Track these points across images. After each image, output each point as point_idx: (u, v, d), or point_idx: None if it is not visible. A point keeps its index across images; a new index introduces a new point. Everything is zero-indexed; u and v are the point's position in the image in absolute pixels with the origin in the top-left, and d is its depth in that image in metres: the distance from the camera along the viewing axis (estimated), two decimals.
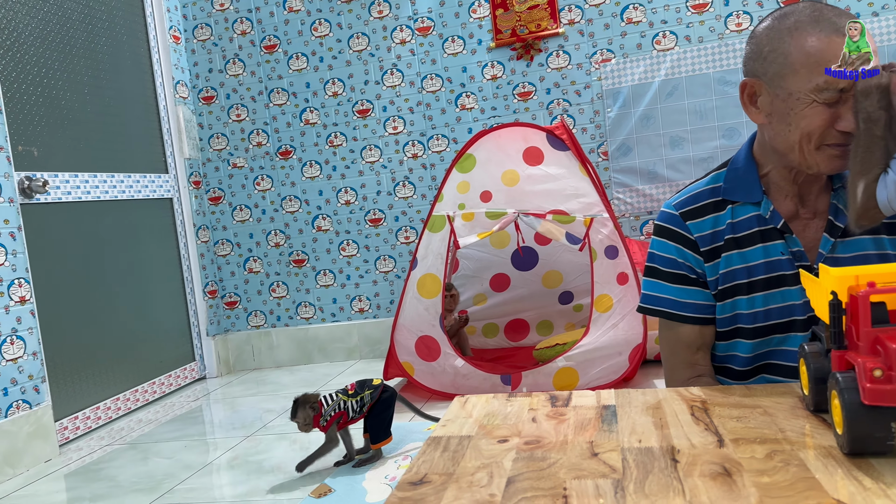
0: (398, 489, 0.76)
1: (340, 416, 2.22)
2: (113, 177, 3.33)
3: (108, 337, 3.22)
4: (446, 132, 3.70)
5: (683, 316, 1.16)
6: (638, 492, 0.68)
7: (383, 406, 2.24)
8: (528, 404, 1.02)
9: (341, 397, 2.24)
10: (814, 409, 0.83)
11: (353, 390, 2.26)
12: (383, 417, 2.25)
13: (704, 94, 3.34)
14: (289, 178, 3.89)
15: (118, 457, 2.67)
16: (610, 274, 2.78)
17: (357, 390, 2.25)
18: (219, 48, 3.91)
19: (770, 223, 1.11)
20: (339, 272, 3.88)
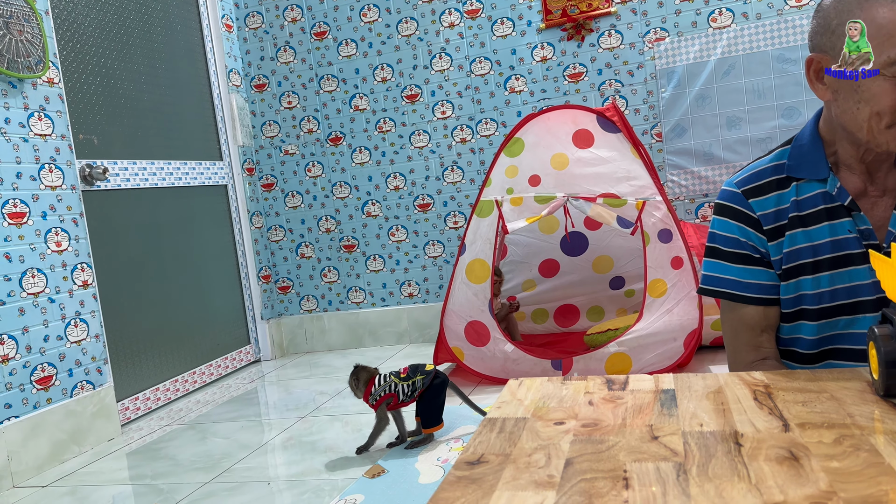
0: (455, 468, 0.76)
1: (390, 398, 2.25)
2: (169, 164, 3.42)
3: (167, 320, 3.32)
4: (495, 116, 3.68)
5: (746, 297, 1.13)
6: (701, 475, 0.67)
7: (434, 392, 2.25)
8: (583, 388, 1.01)
9: (393, 379, 2.26)
10: (884, 395, 0.81)
11: (405, 374, 2.28)
12: (435, 403, 2.26)
13: (763, 72, 3.23)
14: (339, 164, 3.93)
15: (177, 436, 2.75)
16: (664, 258, 2.73)
17: (409, 374, 2.27)
18: (270, 36, 3.95)
19: (837, 200, 1.07)
20: (389, 257, 3.91)
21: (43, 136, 2.69)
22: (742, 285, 1.13)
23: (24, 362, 2.53)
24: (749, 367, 1.14)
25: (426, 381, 2.24)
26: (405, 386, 2.24)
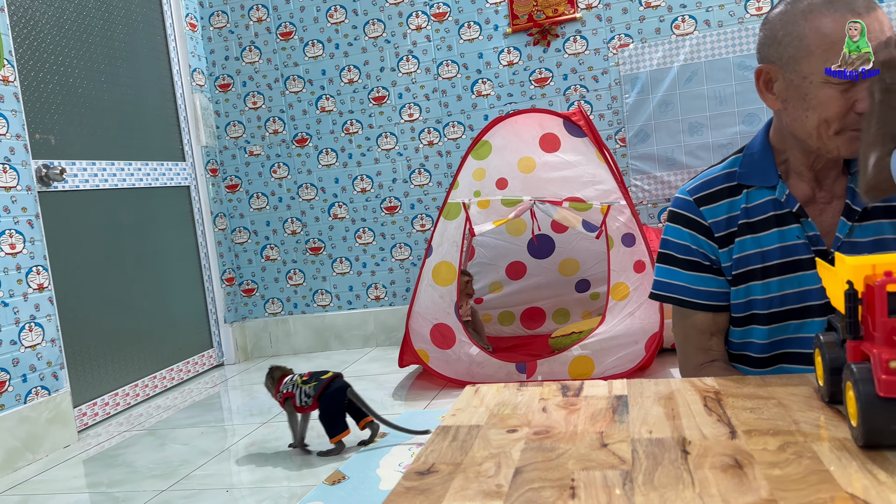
0: (405, 478, 0.75)
1: (289, 398, 2.29)
2: (130, 165, 3.36)
3: (127, 324, 3.26)
4: (462, 119, 3.68)
5: (696, 303, 1.15)
6: (647, 483, 0.67)
7: (329, 400, 2.23)
8: (539, 394, 1.01)
9: (297, 380, 2.30)
10: (829, 401, 0.82)
11: (305, 378, 2.30)
12: (331, 411, 2.24)
13: (724, 79, 3.29)
14: (305, 165, 3.89)
15: (136, 443, 2.70)
16: (626, 262, 2.76)
17: (307, 380, 2.29)
18: (235, 35, 3.91)
19: (785, 207, 1.09)
20: (356, 260, 3.89)
21: None
22: (692, 291, 1.15)
23: None
24: (698, 370, 1.15)
25: (318, 388, 2.23)
26: (302, 390, 2.26)
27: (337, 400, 2.23)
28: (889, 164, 0.94)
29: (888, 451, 0.68)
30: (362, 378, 3.26)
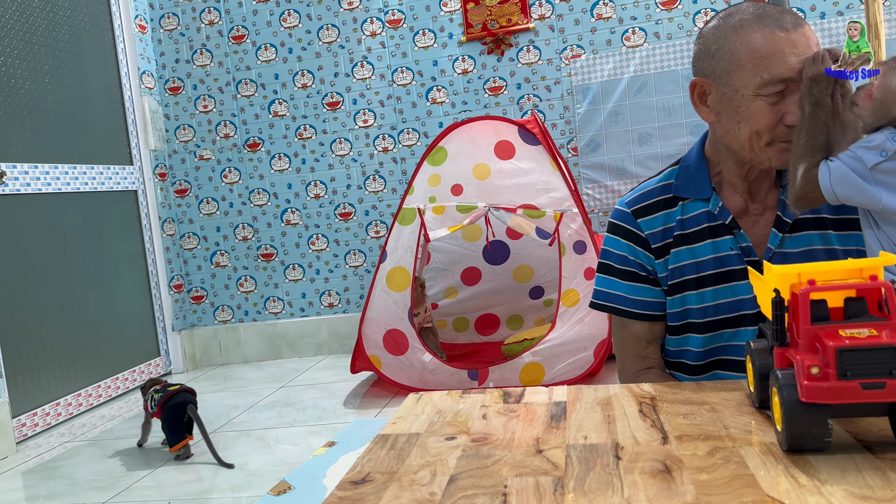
0: (338, 488, 0.75)
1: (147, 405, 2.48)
2: (75, 168, 3.27)
3: (70, 332, 3.16)
4: (417, 126, 3.68)
5: (633, 312, 1.17)
6: (577, 489, 0.67)
7: (169, 410, 2.38)
8: (480, 401, 1.01)
9: (156, 388, 2.46)
10: (759, 406, 0.84)
11: (158, 388, 2.46)
12: (169, 421, 2.39)
13: (673, 90, 3.36)
14: (257, 170, 3.84)
15: (77, 454, 2.62)
16: (577, 268, 2.79)
17: (159, 389, 2.45)
18: (186, 38, 3.84)
19: (719, 219, 1.12)
20: (309, 266, 3.85)
21: None
22: (629, 301, 1.17)
23: None
24: (635, 377, 1.18)
25: (162, 398, 2.40)
26: (152, 398, 2.45)
27: (175, 412, 2.38)
28: (816, 175, 0.97)
29: (811, 455, 0.70)
30: (314, 386, 3.23)
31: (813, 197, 0.98)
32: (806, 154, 0.98)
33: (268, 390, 3.25)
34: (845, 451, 0.70)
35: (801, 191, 0.98)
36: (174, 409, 2.37)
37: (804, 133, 0.98)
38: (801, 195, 0.99)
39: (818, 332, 0.70)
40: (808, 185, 0.97)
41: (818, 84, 0.97)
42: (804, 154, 0.98)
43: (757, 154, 1.05)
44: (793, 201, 1.00)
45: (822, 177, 0.96)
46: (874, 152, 0.94)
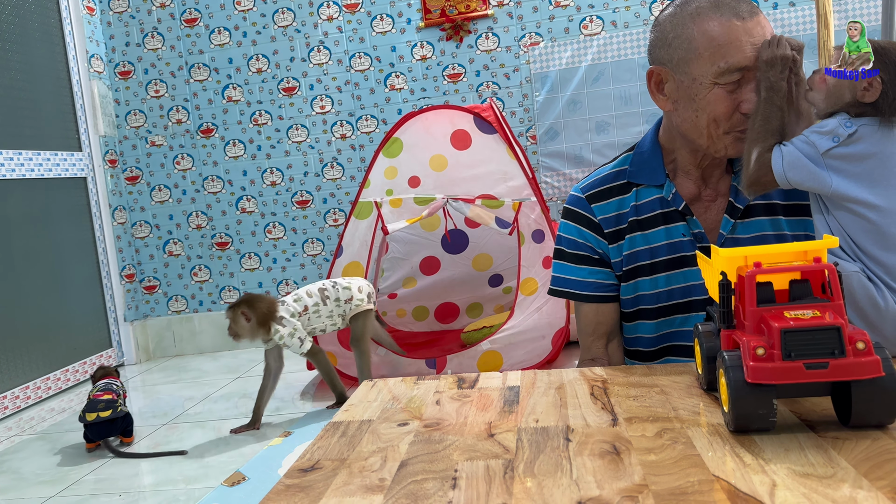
0: (286, 476, 0.73)
1: None
2: (20, 154, 3.15)
3: (18, 323, 3.06)
4: (375, 112, 3.65)
5: (585, 295, 1.18)
6: (527, 472, 0.67)
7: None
8: (434, 387, 1.01)
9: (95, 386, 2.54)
10: (707, 388, 0.85)
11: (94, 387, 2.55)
12: None
13: (629, 79, 3.39)
14: (210, 157, 3.77)
15: (25, 448, 2.54)
16: (536, 257, 2.80)
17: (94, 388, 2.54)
18: (136, 21, 3.74)
19: (672, 205, 1.13)
20: (265, 255, 3.80)
21: None
22: (582, 284, 1.18)
23: None
24: (587, 364, 1.18)
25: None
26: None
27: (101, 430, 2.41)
28: (770, 159, 0.98)
29: (756, 435, 0.71)
30: None
31: (766, 181, 0.99)
32: (759, 138, 0.99)
33: (223, 381, 3.20)
34: (789, 430, 0.72)
35: (755, 175, 0.99)
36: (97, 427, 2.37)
37: (759, 117, 0.99)
38: (755, 179, 1.00)
39: (764, 313, 0.71)
40: (761, 170, 0.98)
41: (773, 68, 0.98)
42: (758, 138, 0.99)
43: (714, 142, 1.06)
44: (745, 186, 1.01)
45: (776, 161, 0.97)
46: (827, 137, 0.96)
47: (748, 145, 1.01)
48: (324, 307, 2.58)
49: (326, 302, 2.59)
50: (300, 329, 2.50)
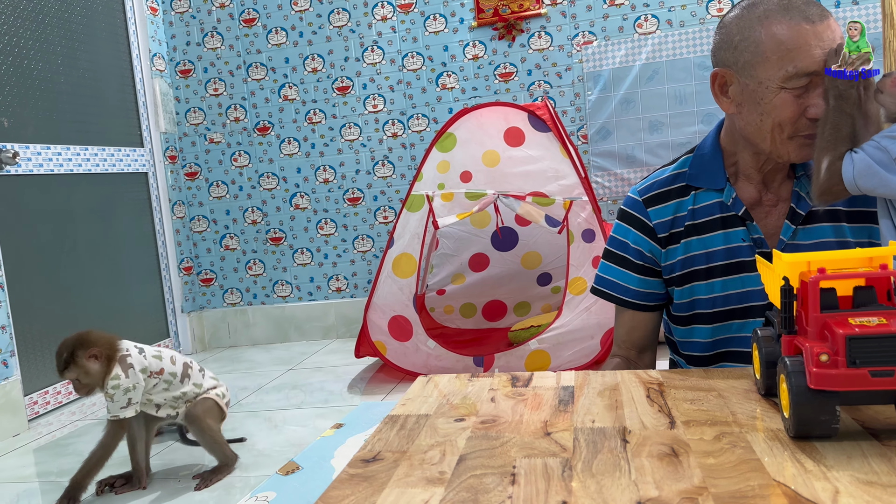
0: (349, 466, 0.76)
1: None
2: (86, 150, 3.28)
3: (81, 312, 3.19)
4: (426, 111, 3.68)
5: (625, 300, 1.20)
6: (585, 471, 0.68)
7: None
8: (489, 384, 1.03)
9: None
10: (765, 393, 0.84)
11: None
12: None
13: (684, 78, 3.34)
14: (266, 154, 3.85)
15: (88, 432, 2.65)
16: (585, 257, 2.79)
17: None
18: (197, 21, 3.84)
19: (732, 210, 1.12)
20: (317, 251, 3.87)
21: None
22: (622, 288, 1.20)
23: None
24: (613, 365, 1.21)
25: None
26: None
27: None
28: (840, 168, 0.97)
29: (817, 442, 0.71)
30: (320, 370, 3.25)
31: (837, 190, 0.97)
32: (829, 147, 0.97)
33: (276, 373, 3.27)
34: (851, 437, 0.71)
35: (825, 184, 0.98)
36: None
37: (828, 126, 0.98)
38: (825, 189, 0.98)
39: (827, 320, 0.71)
40: (832, 179, 0.97)
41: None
42: (828, 147, 0.97)
43: (777, 147, 1.05)
44: (816, 195, 1.00)
45: (846, 170, 0.96)
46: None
47: (818, 154, 0.99)
48: (178, 385, 2.08)
49: (185, 381, 2.10)
50: (138, 391, 2.01)
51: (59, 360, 1.96)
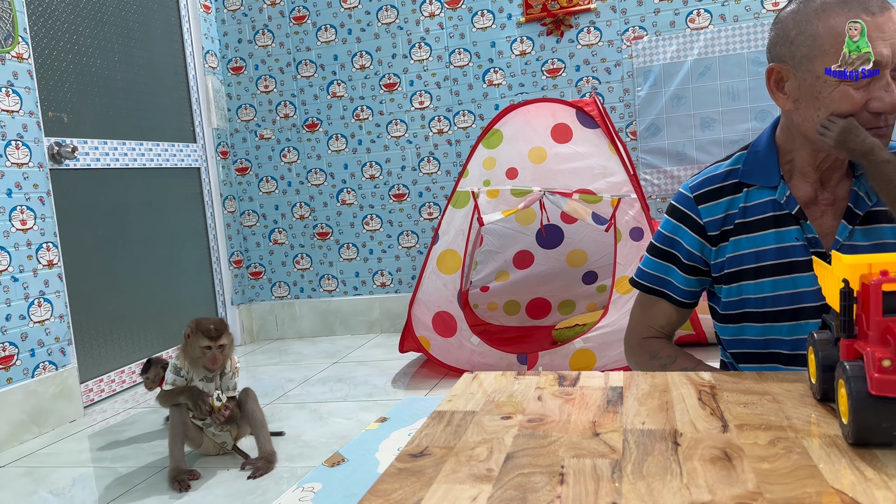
0: (398, 460, 0.77)
1: None
2: (141, 145, 3.37)
3: (135, 302, 3.29)
4: (473, 108, 3.68)
5: (663, 293, 1.20)
6: (635, 472, 0.68)
7: None
8: (535, 383, 1.02)
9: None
10: (821, 398, 0.82)
11: None
12: None
13: (738, 74, 3.26)
14: (314, 150, 3.90)
15: (141, 420, 2.73)
16: (633, 255, 2.76)
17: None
18: (248, 18, 3.91)
19: (785, 208, 1.09)
20: (363, 246, 3.90)
21: (10, 113, 2.64)
22: (663, 281, 1.20)
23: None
24: (643, 343, 1.23)
25: None
26: None
27: None
28: None
29: (877, 449, 0.68)
30: (365, 364, 3.28)
31: None
32: None
33: (321, 365, 3.32)
34: None
35: None
36: None
37: (885, 184, 0.96)
38: None
39: (890, 324, 0.68)
40: None
41: None
42: None
43: None
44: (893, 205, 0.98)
45: None
46: None
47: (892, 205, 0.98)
48: None
49: None
50: None
51: (220, 325, 2.14)
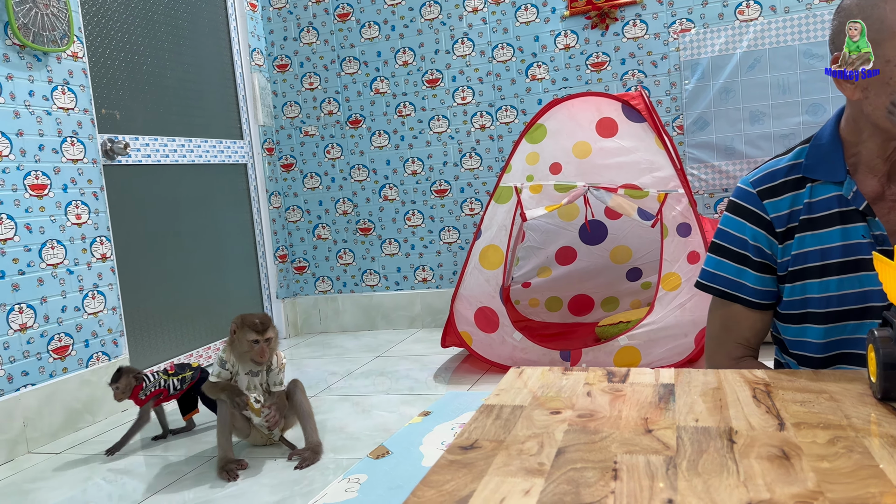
0: (448, 452, 0.77)
1: (160, 394, 2.45)
2: (190, 141, 3.44)
3: (183, 296, 3.36)
4: (515, 103, 3.66)
5: (740, 297, 1.13)
6: (690, 469, 0.67)
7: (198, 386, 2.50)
8: (583, 379, 1.01)
9: (162, 376, 2.47)
10: (881, 397, 0.80)
11: (172, 370, 2.50)
12: (192, 395, 2.54)
13: (788, 67, 3.18)
14: (358, 147, 3.93)
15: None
16: (680, 252, 2.72)
17: (178, 371, 2.50)
18: (294, 16, 3.96)
19: (852, 204, 1.05)
20: (404, 241, 3.92)
21: (66, 110, 2.73)
22: (737, 284, 1.13)
23: (42, 331, 2.58)
24: (735, 363, 1.14)
25: (195, 376, 2.52)
26: (175, 381, 2.48)
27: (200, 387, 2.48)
28: None
29: None
30: (406, 358, 3.30)
31: None
32: None
33: (364, 359, 3.35)
34: None
35: None
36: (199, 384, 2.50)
37: None
38: None
39: None
40: None
41: None
42: None
43: None
44: None
45: None
46: None
47: None
48: None
49: None
50: None
51: (265, 319, 2.23)
